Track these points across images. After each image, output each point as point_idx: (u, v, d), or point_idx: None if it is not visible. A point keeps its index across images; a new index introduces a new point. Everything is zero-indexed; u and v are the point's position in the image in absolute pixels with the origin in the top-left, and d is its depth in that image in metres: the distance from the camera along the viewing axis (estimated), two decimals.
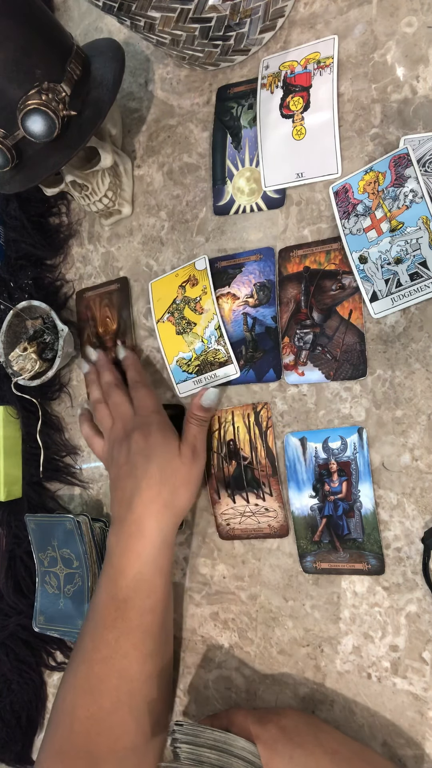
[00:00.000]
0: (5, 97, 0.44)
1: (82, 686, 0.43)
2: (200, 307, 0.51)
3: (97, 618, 0.44)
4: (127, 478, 0.45)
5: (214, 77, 0.53)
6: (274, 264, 0.49)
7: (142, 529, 0.43)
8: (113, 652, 0.42)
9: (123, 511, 0.44)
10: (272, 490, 0.47)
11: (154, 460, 0.44)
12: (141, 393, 0.49)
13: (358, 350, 0.44)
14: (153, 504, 0.44)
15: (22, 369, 0.57)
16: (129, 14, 0.42)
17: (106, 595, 0.44)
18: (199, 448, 0.47)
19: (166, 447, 0.45)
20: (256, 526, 0.48)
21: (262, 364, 0.49)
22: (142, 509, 0.44)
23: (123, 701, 0.42)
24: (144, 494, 0.44)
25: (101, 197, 0.54)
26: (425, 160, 0.42)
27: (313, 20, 0.48)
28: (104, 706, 0.42)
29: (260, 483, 0.48)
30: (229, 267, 0.51)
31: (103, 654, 0.42)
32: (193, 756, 0.37)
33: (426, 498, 0.41)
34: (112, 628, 0.43)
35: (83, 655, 0.44)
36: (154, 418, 0.47)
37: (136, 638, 0.43)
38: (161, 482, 0.44)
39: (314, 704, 0.44)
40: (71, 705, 0.43)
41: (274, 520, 0.47)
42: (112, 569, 0.44)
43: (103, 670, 0.42)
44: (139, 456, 0.45)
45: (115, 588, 0.43)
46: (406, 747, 0.41)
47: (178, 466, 0.45)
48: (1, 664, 0.61)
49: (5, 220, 0.64)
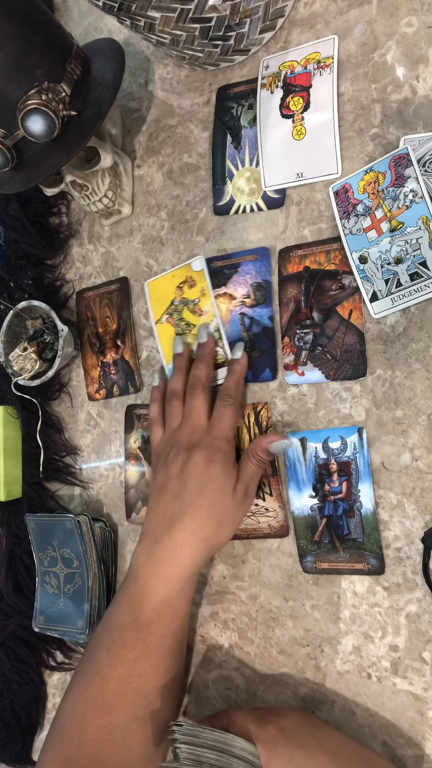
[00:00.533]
0: (5, 97, 0.44)
1: (95, 700, 0.42)
2: (199, 309, 0.51)
3: (115, 635, 0.43)
4: (174, 497, 0.43)
5: (214, 77, 0.53)
6: (269, 264, 0.49)
7: (177, 557, 0.42)
8: (131, 670, 0.42)
9: (160, 532, 0.43)
10: (272, 490, 0.47)
11: (207, 492, 0.42)
12: (226, 412, 0.45)
13: (358, 350, 0.44)
14: (194, 536, 0.42)
15: (22, 369, 0.57)
16: (129, 14, 0.42)
17: (128, 616, 0.43)
18: (252, 488, 0.45)
19: (223, 482, 0.43)
20: (256, 525, 0.48)
21: (258, 364, 0.49)
22: (181, 538, 0.42)
23: (137, 716, 0.42)
24: (187, 523, 0.42)
25: (101, 197, 0.54)
26: (425, 160, 0.42)
27: (313, 20, 0.48)
28: (118, 721, 0.41)
29: (260, 483, 0.48)
30: (225, 267, 0.51)
31: (120, 672, 0.42)
32: (193, 756, 0.37)
33: (426, 498, 0.41)
34: (132, 649, 0.42)
35: (98, 669, 0.43)
36: (223, 445, 0.44)
37: (155, 659, 0.42)
38: (207, 516, 0.42)
39: (314, 704, 0.44)
40: (81, 716, 0.42)
41: (274, 520, 0.47)
42: (137, 591, 0.43)
43: (120, 688, 0.42)
44: (193, 480, 0.43)
45: (138, 611, 0.42)
46: (406, 747, 0.41)
47: (229, 504, 0.43)
48: (1, 664, 0.61)
49: (5, 220, 0.64)
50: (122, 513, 0.56)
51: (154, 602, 0.42)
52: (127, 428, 0.56)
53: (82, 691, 0.43)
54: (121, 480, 0.57)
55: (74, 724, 0.42)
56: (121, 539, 0.56)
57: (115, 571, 0.56)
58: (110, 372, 0.58)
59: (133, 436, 0.56)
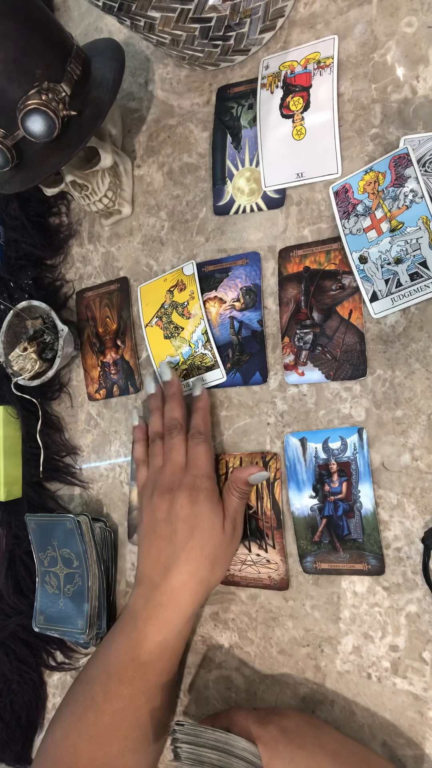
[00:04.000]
0: (5, 97, 0.44)
1: (89, 732, 0.42)
2: (188, 311, 0.51)
3: (111, 671, 0.43)
4: (165, 541, 0.44)
5: (214, 77, 0.53)
6: (260, 268, 0.49)
7: (176, 601, 0.43)
8: (126, 705, 0.42)
9: (156, 577, 0.43)
10: (275, 542, 0.47)
11: (197, 534, 0.43)
12: (200, 450, 0.46)
13: (358, 350, 0.44)
14: (191, 579, 0.43)
15: (22, 369, 0.57)
16: (129, 14, 0.42)
17: (126, 656, 0.43)
18: (239, 521, 0.46)
19: (210, 521, 0.43)
20: (257, 575, 0.47)
21: (248, 368, 0.49)
22: (178, 582, 0.42)
23: (130, 747, 0.42)
24: (182, 568, 0.43)
25: (101, 197, 0.54)
26: (425, 160, 0.42)
27: (313, 20, 0.48)
28: (111, 753, 0.41)
29: (264, 534, 0.47)
30: (216, 271, 0.51)
31: (115, 707, 0.42)
32: (194, 756, 0.37)
33: (426, 498, 0.41)
34: (129, 685, 0.42)
35: (92, 703, 0.43)
36: (204, 484, 0.44)
37: (151, 694, 0.43)
38: (201, 558, 0.43)
39: (314, 704, 0.44)
40: (73, 747, 0.42)
41: (275, 572, 0.46)
42: (136, 632, 0.43)
43: (114, 721, 0.42)
44: (182, 523, 0.43)
45: (137, 651, 0.43)
46: (406, 747, 0.41)
47: (219, 543, 0.44)
48: (1, 664, 0.61)
49: (5, 220, 0.64)
50: (122, 513, 0.56)
51: (153, 644, 0.43)
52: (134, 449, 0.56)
53: (75, 723, 0.43)
54: (121, 480, 0.57)
55: (65, 755, 0.42)
56: (121, 539, 0.56)
57: (115, 571, 0.56)
58: (110, 372, 0.58)
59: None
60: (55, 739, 0.43)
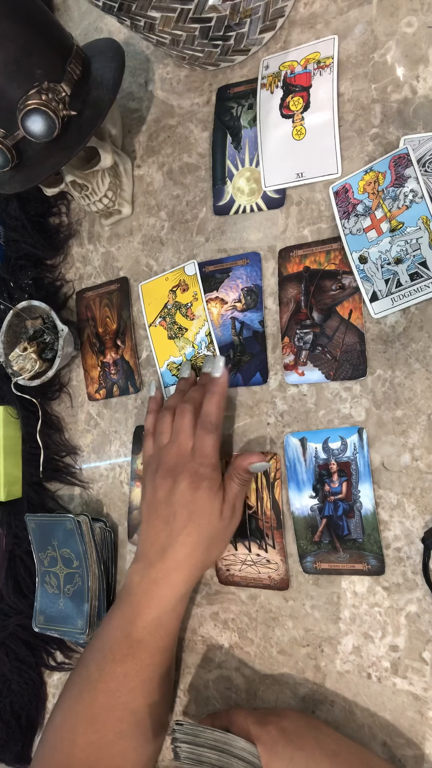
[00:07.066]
0: (5, 97, 0.44)
1: (85, 714, 0.43)
2: (191, 312, 0.52)
3: (106, 650, 0.44)
4: (164, 522, 0.44)
5: (214, 77, 0.53)
6: (260, 269, 0.49)
7: (169, 579, 0.43)
8: (120, 685, 0.42)
9: (153, 555, 0.44)
10: (275, 542, 0.47)
11: (195, 520, 0.43)
12: (208, 440, 0.44)
13: (358, 350, 0.44)
14: (186, 561, 0.43)
15: (22, 369, 0.57)
16: (129, 14, 0.42)
17: (120, 633, 0.44)
18: (238, 506, 0.46)
19: (210, 509, 0.44)
20: (256, 575, 0.47)
21: (249, 368, 0.49)
22: (173, 563, 0.43)
23: (126, 732, 0.42)
24: (178, 551, 0.43)
25: (101, 197, 0.54)
26: (425, 160, 0.42)
27: (313, 20, 0.48)
28: (107, 737, 0.42)
29: (264, 534, 0.47)
30: (217, 272, 0.51)
31: (109, 686, 0.42)
32: (193, 756, 0.37)
33: (426, 498, 0.41)
34: (122, 663, 0.43)
35: (87, 682, 0.43)
36: (207, 473, 0.44)
37: (145, 675, 0.43)
38: (197, 543, 0.43)
39: (314, 704, 0.44)
40: (71, 731, 0.42)
41: (275, 572, 0.47)
42: (130, 609, 0.44)
43: (109, 702, 0.42)
44: (181, 508, 0.43)
45: (131, 627, 0.43)
46: (406, 747, 0.41)
47: (217, 527, 0.44)
48: (1, 664, 0.61)
49: (5, 220, 0.64)
50: (122, 513, 0.56)
51: (146, 620, 0.43)
52: (134, 450, 0.56)
53: (72, 704, 0.44)
54: (121, 480, 0.57)
55: (64, 739, 0.43)
56: (121, 539, 0.56)
57: (115, 571, 0.56)
58: (110, 372, 0.58)
59: (139, 458, 0.55)
60: (55, 723, 0.44)
